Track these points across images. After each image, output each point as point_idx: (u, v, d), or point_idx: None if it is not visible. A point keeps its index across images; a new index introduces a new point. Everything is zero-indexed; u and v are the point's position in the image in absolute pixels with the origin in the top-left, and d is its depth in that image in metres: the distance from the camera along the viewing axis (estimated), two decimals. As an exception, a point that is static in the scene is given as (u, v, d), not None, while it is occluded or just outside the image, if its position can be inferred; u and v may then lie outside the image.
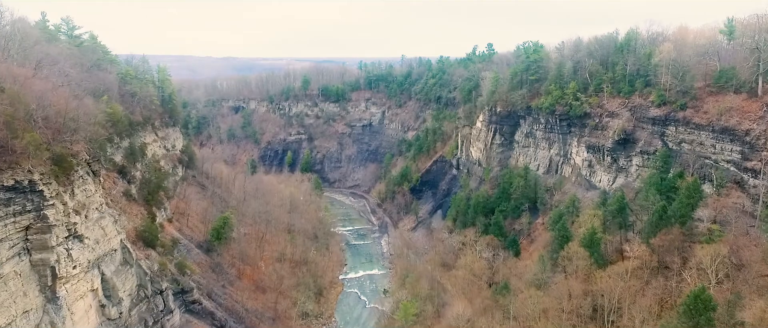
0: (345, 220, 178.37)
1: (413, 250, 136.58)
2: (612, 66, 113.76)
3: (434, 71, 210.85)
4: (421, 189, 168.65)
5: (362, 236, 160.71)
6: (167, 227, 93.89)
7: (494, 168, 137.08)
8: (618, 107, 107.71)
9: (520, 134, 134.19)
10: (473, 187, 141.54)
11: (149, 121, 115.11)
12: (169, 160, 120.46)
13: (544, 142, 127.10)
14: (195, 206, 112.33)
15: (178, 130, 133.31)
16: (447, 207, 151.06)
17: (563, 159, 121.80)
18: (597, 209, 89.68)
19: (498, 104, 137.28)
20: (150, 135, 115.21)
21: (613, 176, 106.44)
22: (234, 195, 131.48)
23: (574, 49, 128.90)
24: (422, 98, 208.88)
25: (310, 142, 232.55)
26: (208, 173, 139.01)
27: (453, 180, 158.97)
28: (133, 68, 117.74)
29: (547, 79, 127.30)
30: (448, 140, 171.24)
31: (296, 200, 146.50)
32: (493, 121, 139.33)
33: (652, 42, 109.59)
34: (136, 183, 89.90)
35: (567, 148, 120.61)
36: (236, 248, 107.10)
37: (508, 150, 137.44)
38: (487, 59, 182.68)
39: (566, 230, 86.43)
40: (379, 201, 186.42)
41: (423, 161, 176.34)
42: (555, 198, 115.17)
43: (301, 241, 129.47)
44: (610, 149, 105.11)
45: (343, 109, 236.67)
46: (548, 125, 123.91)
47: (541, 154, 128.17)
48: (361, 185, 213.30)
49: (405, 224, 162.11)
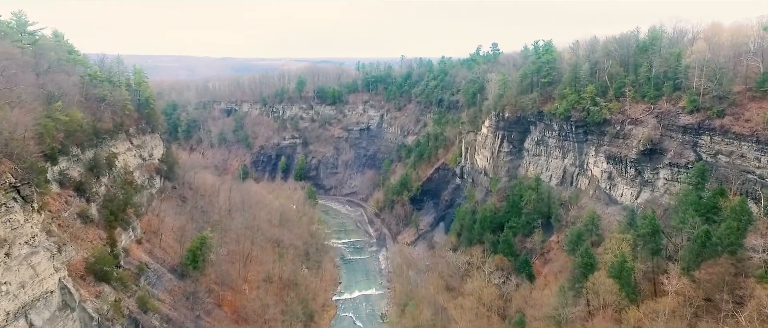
0: (340, 231, 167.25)
1: (413, 268, 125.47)
2: (634, 68, 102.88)
3: (436, 72, 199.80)
4: (421, 199, 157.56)
5: (358, 250, 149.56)
6: (135, 250, 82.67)
7: (502, 178, 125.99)
8: (642, 114, 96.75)
9: (531, 142, 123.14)
10: (479, 198, 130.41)
11: (122, 128, 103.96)
12: (145, 171, 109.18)
13: (557, 150, 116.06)
14: (171, 222, 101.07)
15: (157, 137, 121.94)
16: (450, 220, 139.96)
17: (579, 170, 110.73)
18: (625, 231, 78.41)
19: (506, 109, 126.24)
20: (123, 144, 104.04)
21: (637, 190, 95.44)
22: (218, 208, 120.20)
23: (589, 49, 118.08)
24: (423, 101, 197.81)
25: (305, 147, 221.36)
26: (190, 183, 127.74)
27: (456, 190, 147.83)
28: (103, 69, 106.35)
29: (560, 81, 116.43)
30: (451, 147, 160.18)
31: (287, 212, 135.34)
32: (501, 127, 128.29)
33: (680, 41, 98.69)
34: (97, 201, 78.68)
35: (583, 158, 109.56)
36: (216, 270, 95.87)
37: (517, 159, 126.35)
38: (492, 60, 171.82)
39: (590, 257, 75.28)
40: (377, 210, 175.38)
41: (424, 169, 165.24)
42: (571, 213, 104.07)
43: (291, 258, 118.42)
44: (635, 161, 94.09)
45: (340, 112, 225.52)
46: (562, 132, 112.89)
47: (554, 164, 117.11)
48: (359, 193, 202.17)
49: (404, 237, 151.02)
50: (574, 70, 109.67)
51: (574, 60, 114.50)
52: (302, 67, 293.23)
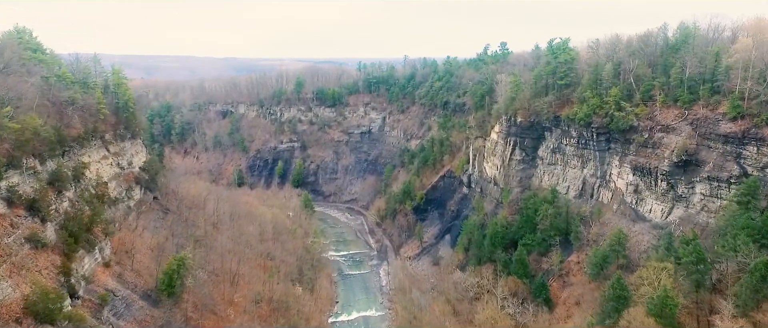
0: (339, 242, 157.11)
1: (417, 286, 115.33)
2: (663, 68, 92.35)
3: (441, 73, 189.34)
4: (425, 209, 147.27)
5: (358, 264, 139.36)
6: (100, 275, 72.70)
7: (514, 189, 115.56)
8: (674, 120, 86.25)
9: (545, 149, 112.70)
10: (488, 210, 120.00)
11: (96, 134, 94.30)
12: (123, 182, 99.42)
13: (575, 159, 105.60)
14: (149, 239, 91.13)
15: (138, 143, 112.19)
16: (456, 232, 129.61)
17: (600, 181, 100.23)
18: (663, 257, 67.91)
19: (518, 113, 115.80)
20: (97, 151, 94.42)
21: (668, 206, 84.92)
22: (205, 221, 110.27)
23: (611, 48, 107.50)
24: (427, 103, 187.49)
25: (303, 151, 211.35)
26: (176, 192, 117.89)
27: (463, 200, 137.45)
28: (76, 70, 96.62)
29: (579, 84, 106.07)
30: (458, 153, 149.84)
31: (281, 223, 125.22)
32: (512, 133, 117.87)
33: (717, 38, 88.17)
34: (56, 221, 68.78)
35: (606, 169, 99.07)
36: (197, 293, 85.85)
37: (530, 168, 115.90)
38: (502, 60, 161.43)
39: (623, 289, 64.90)
40: (379, 220, 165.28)
41: (428, 176, 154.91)
42: (592, 231, 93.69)
43: (284, 275, 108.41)
44: (667, 173, 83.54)
45: (340, 115, 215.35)
46: (581, 140, 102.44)
47: (572, 175, 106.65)
48: (359, 200, 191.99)
49: (407, 249, 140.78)
50: (595, 72, 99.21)
51: (594, 60, 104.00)
52: (301, 67, 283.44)
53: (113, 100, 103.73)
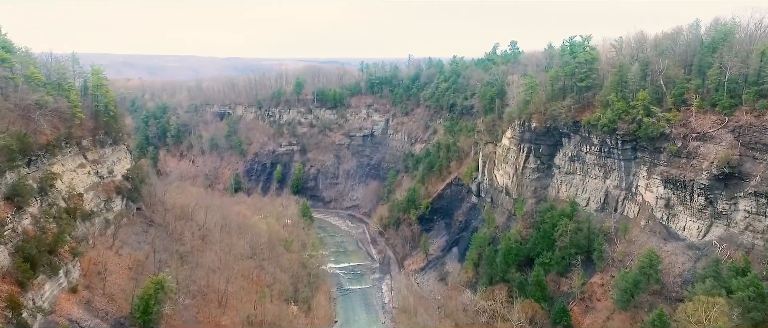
0: (339, 252, 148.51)
1: (423, 304, 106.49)
2: (698, 69, 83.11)
3: (447, 74, 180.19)
4: (431, 218, 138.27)
5: (359, 277, 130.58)
6: (64, 303, 64.15)
7: (528, 200, 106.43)
8: (712, 127, 77.02)
9: (563, 157, 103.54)
10: (500, 223, 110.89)
11: (71, 140, 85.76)
12: (101, 192, 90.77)
13: (596, 169, 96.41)
14: (127, 258, 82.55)
15: (121, 148, 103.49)
16: (465, 245, 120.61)
17: (625, 194, 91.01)
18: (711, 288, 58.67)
19: (533, 117, 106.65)
20: (72, 159, 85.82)
21: (706, 224, 75.69)
22: (193, 234, 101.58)
23: (636, 47, 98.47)
24: (433, 105, 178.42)
25: (303, 155, 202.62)
26: (163, 202, 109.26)
27: (472, 210, 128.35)
28: (49, 71, 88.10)
29: (600, 86, 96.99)
30: (465, 159, 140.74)
31: (276, 235, 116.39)
32: (526, 139, 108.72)
33: (763, 35, 78.87)
34: (13, 242, 60.20)
35: (631, 180, 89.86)
36: (179, 318, 77.18)
37: (545, 177, 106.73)
38: (513, 60, 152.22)
39: (665, 325, 55.68)
40: (381, 228, 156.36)
41: (434, 183, 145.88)
42: (618, 249, 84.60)
43: (278, 293, 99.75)
44: (705, 187, 74.28)
45: (341, 117, 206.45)
46: (604, 147, 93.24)
47: (593, 185, 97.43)
48: (361, 206, 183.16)
49: (412, 262, 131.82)
50: (619, 73, 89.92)
51: (617, 60, 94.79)
52: (301, 67, 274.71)
53: (92, 102, 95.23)
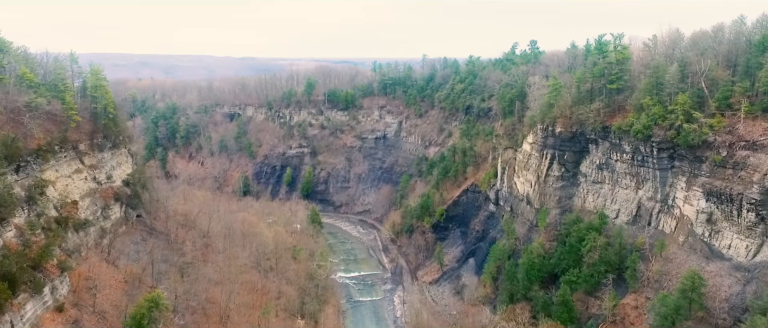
0: (349, 260, 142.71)
1: (438, 320, 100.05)
2: (746, 71, 75.33)
3: (463, 74, 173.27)
4: (446, 227, 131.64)
5: (370, 288, 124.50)
6: (49, 323, 59.07)
7: (551, 210, 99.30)
8: (763, 135, 69.30)
9: (590, 165, 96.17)
10: (521, 234, 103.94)
11: (66, 144, 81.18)
12: (99, 199, 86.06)
13: (627, 178, 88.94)
14: (123, 270, 77.50)
15: (122, 152, 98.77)
16: (482, 257, 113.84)
17: (661, 206, 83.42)
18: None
19: (557, 122, 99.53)
20: (67, 165, 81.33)
21: (757, 243, 67.96)
22: (194, 243, 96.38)
23: (671, 45, 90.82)
24: (448, 107, 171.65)
25: (314, 157, 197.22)
26: (166, 208, 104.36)
27: (490, 219, 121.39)
28: (45, 71, 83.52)
29: (631, 88, 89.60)
30: (483, 164, 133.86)
31: (283, 244, 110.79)
32: (550, 145, 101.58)
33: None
34: (-9, 257, 55.23)
35: (668, 191, 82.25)
36: (177, 337, 71.81)
37: (570, 186, 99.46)
38: (533, 60, 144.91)
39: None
40: (393, 235, 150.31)
41: (449, 189, 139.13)
42: (653, 268, 77.18)
43: (284, 306, 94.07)
44: (757, 202, 66.59)
45: (353, 119, 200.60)
46: (637, 155, 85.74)
47: (623, 196, 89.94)
48: (372, 211, 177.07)
49: (425, 273, 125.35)
50: (655, 74, 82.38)
51: (652, 61, 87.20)
52: (312, 67, 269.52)
53: (90, 104, 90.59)
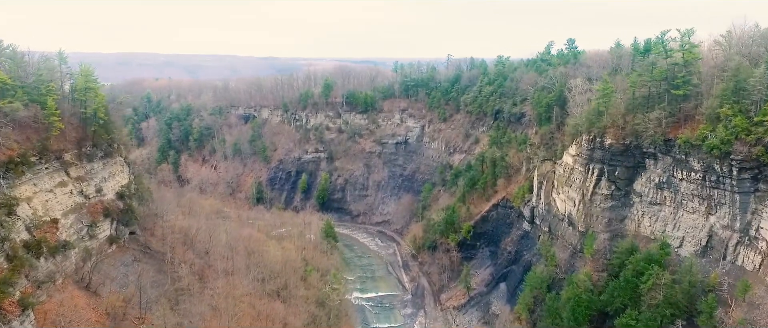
0: (366, 278, 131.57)
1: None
2: None
3: (492, 76, 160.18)
4: (473, 245, 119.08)
5: (388, 312, 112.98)
6: (1, 376, 49.02)
7: (599, 234, 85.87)
8: None
9: (647, 183, 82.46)
10: (561, 259, 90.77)
11: (48, 155, 71.81)
12: (85, 215, 76.52)
13: (695, 201, 75.03)
14: (105, 299, 67.43)
15: (116, 162, 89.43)
16: (514, 281, 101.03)
17: (740, 236, 69.36)
18: None
19: (607, 132, 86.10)
20: (49, 177, 72.16)
21: None
22: (192, 267, 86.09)
23: (749, 43, 76.58)
24: (474, 111, 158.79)
25: (330, 163, 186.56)
26: (164, 222, 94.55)
27: (524, 239, 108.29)
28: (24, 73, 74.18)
29: (699, 94, 75.76)
30: (515, 176, 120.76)
31: (292, 264, 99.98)
32: (597, 158, 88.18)
33: None
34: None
35: (750, 219, 68.18)
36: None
37: (621, 207, 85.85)
38: (572, 61, 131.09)
39: None
40: (414, 251, 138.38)
41: (477, 203, 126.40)
42: (734, 313, 63.31)
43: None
44: None
45: (373, 122, 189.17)
46: (710, 174, 71.82)
47: (689, 222, 76.06)
48: (392, 222, 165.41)
49: (450, 297, 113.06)
50: (735, 78, 68.48)
51: (731, 63, 73.14)
52: (330, 67, 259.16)
53: (79, 108, 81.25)
